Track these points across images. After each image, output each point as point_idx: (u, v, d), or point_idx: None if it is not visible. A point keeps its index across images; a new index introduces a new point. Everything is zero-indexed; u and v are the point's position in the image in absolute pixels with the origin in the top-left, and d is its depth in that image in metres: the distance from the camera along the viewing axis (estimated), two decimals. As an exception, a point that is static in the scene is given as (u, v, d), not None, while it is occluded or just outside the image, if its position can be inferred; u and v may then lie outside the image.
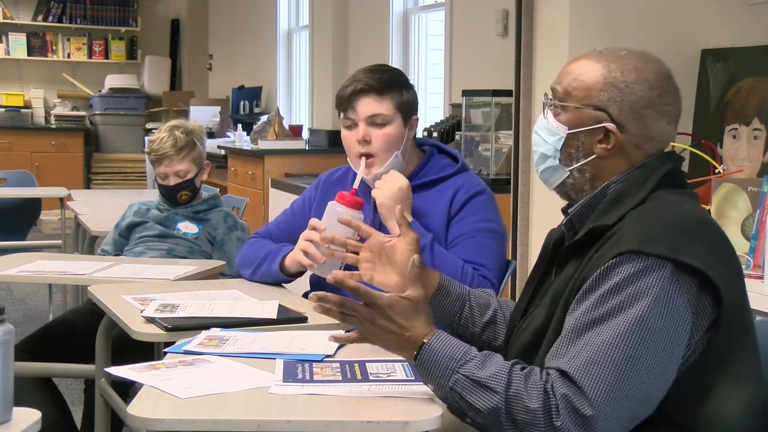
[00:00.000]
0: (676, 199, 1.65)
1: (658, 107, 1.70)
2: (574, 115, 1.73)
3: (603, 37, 3.79)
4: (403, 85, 2.51)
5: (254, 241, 2.74)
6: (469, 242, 2.43)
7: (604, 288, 1.55)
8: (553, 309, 1.67)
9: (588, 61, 1.74)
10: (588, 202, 1.73)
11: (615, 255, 1.55)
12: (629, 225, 1.60)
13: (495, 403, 1.52)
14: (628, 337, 1.50)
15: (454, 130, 4.62)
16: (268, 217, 5.96)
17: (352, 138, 2.49)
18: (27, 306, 6.17)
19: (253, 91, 8.43)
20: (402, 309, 1.66)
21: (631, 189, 1.67)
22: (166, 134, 3.41)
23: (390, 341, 1.67)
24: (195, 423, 1.61)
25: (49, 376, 3.05)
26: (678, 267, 1.53)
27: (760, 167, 3.45)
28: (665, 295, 1.52)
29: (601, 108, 1.70)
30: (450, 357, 1.60)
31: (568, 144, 1.73)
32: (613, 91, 1.69)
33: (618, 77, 1.70)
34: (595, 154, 1.72)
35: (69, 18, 10.45)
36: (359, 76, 2.48)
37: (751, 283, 2.62)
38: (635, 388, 1.49)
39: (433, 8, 5.76)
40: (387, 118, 2.46)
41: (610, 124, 1.69)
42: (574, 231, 1.74)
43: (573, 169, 1.74)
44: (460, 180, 2.53)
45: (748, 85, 3.59)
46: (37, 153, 9.73)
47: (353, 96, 2.46)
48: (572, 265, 1.68)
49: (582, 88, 1.72)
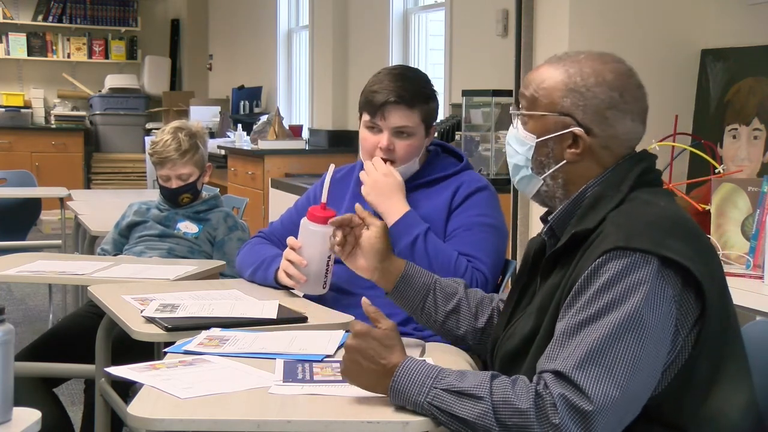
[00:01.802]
0: (653, 198, 1.68)
1: (620, 107, 1.71)
2: (541, 122, 1.75)
3: (603, 37, 3.79)
4: (430, 95, 2.52)
5: (256, 241, 2.74)
6: (464, 234, 2.44)
7: (594, 287, 1.55)
8: (541, 317, 1.67)
9: (548, 68, 1.76)
10: (566, 208, 1.74)
11: (601, 253, 1.57)
12: (612, 225, 1.61)
13: (482, 409, 1.52)
14: (623, 332, 1.51)
15: (454, 130, 4.62)
16: (268, 217, 5.96)
17: (373, 141, 2.50)
18: (27, 306, 6.17)
19: (253, 91, 8.43)
20: (377, 336, 1.66)
21: (608, 191, 1.69)
22: (169, 137, 3.40)
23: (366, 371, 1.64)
24: (195, 423, 1.61)
25: (49, 376, 3.05)
26: (663, 263, 1.54)
27: (760, 167, 3.45)
28: (655, 290, 1.53)
29: (566, 113, 1.72)
30: (426, 375, 1.59)
31: (538, 152, 1.76)
32: (576, 95, 1.71)
33: (579, 82, 1.72)
34: (566, 160, 1.73)
35: (69, 18, 10.45)
36: (388, 82, 2.47)
37: (751, 283, 2.62)
38: (630, 384, 1.50)
39: (433, 8, 5.76)
40: (413, 130, 2.48)
41: (577, 128, 1.71)
42: (555, 239, 1.75)
43: (546, 177, 1.76)
44: (463, 177, 2.54)
45: (748, 85, 3.59)
46: (37, 153, 9.73)
47: (384, 105, 2.46)
48: (558, 273, 1.69)
49: (545, 96, 1.74)
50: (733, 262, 2.86)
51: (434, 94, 2.54)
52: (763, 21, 3.61)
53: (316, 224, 2.34)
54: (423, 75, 2.57)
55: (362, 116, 2.53)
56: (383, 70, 2.54)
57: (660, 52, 3.89)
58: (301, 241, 2.38)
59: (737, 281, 2.64)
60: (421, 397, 1.58)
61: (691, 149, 3.39)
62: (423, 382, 1.59)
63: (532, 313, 1.71)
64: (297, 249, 2.39)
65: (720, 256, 2.82)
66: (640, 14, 3.86)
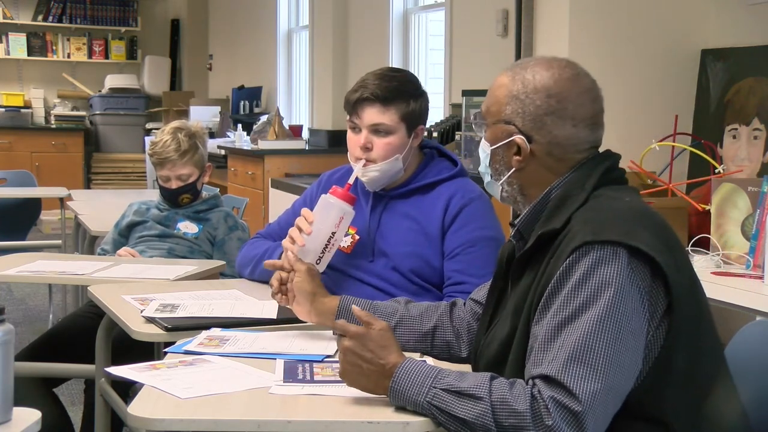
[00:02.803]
0: (618, 194, 1.69)
1: (558, 113, 1.72)
2: (492, 131, 1.79)
3: (603, 37, 3.80)
4: (411, 94, 2.48)
5: (254, 240, 2.75)
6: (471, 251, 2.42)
7: (568, 286, 1.57)
8: (516, 320, 1.68)
9: (501, 77, 1.79)
10: (532, 211, 1.75)
11: (571, 251, 1.58)
12: (579, 223, 1.62)
13: (481, 410, 1.53)
14: (600, 328, 1.52)
15: (454, 130, 4.63)
16: (268, 217, 5.96)
17: (354, 140, 2.50)
18: (27, 306, 6.17)
19: (253, 91, 8.43)
20: (373, 337, 1.67)
21: (573, 191, 1.70)
22: (169, 137, 3.40)
23: (365, 372, 1.65)
24: (195, 423, 1.61)
25: (49, 376, 3.05)
26: (632, 253, 1.56)
27: (760, 167, 3.45)
28: (626, 282, 1.55)
29: (508, 122, 1.75)
30: (426, 375, 1.61)
31: (493, 159, 1.79)
32: (516, 103, 1.73)
33: (519, 89, 1.73)
34: (513, 167, 1.76)
35: (69, 18, 10.45)
36: (368, 81, 2.47)
37: (751, 283, 2.62)
38: (613, 377, 1.51)
39: (433, 8, 5.76)
40: (390, 128, 2.45)
41: (518, 136, 1.73)
42: (523, 241, 1.76)
43: (503, 183, 1.79)
44: (456, 185, 2.51)
45: (748, 85, 3.59)
46: (37, 153, 9.73)
47: (358, 103, 2.46)
48: (528, 275, 1.70)
49: (494, 104, 1.77)
50: (733, 262, 2.86)
51: (419, 94, 2.50)
52: (763, 21, 3.61)
53: (337, 198, 2.30)
54: (409, 76, 2.55)
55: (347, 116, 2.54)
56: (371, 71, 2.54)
57: (660, 52, 3.89)
58: (316, 214, 2.34)
59: (737, 281, 2.64)
60: (421, 397, 1.59)
61: (691, 149, 3.39)
62: (423, 382, 1.60)
63: (507, 317, 1.73)
64: (309, 220, 2.33)
65: (720, 256, 2.85)
66: (640, 14, 3.86)
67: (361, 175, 2.48)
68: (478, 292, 2.04)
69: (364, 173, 2.47)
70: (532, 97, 1.72)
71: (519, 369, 1.63)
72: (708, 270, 2.77)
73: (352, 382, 1.68)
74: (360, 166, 2.46)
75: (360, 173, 2.47)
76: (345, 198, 2.30)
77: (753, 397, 1.71)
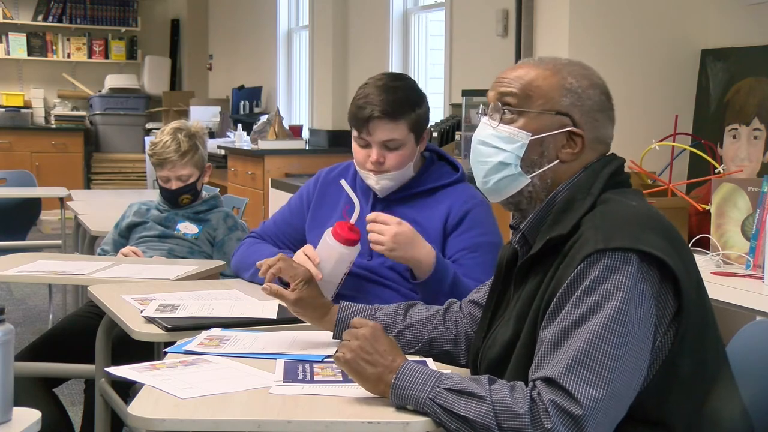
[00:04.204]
0: (625, 198, 1.69)
1: (607, 111, 1.75)
2: (535, 120, 1.72)
3: (603, 37, 3.80)
4: (416, 102, 2.48)
5: (251, 242, 2.73)
6: (471, 257, 2.43)
7: (578, 292, 1.57)
8: (521, 324, 1.67)
9: (535, 68, 1.75)
10: (539, 214, 1.74)
11: (582, 259, 1.57)
12: (589, 229, 1.61)
13: (483, 409, 1.54)
14: (606, 334, 1.52)
15: (454, 130, 4.62)
16: (267, 217, 5.95)
17: (363, 154, 2.49)
18: (27, 306, 6.17)
19: (253, 91, 8.43)
20: (382, 337, 1.70)
21: (579, 194, 1.69)
22: (169, 138, 3.40)
23: (372, 361, 1.66)
24: (195, 423, 1.61)
25: (49, 376, 3.05)
26: (642, 258, 1.56)
27: (760, 167, 3.45)
28: (635, 288, 1.54)
29: (564, 113, 1.72)
30: (429, 374, 1.62)
31: (532, 150, 1.72)
32: (573, 96, 1.72)
33: (574, 83, 1.72)
34: (559, 159, 1.72)
35: (69, 18, 10.45)
36: (372, 97, 2.44)
37: (751, 283, 2.62)
38: (617, 384, 1.51)
39: (433, 8, 5.76)
40: (400, 142, 2.46)
41: (575, 128, 1.72)
42: (528, 245, 1.75)
43: (534, 176, 1.73)
44: (457, 191, 2.52)
45: (748, 85, 3.59)
46: (37, 153, 9.73)
47: (369, 121, 2.44)
48: (534, 279, 1.69)
49: (540, 94, 1.72)
50: (733, 262, 2.86)
51: (422, 99, 2.51)
52: (763, 21, 3.61)
53: (337, 242, 2.33)
54: (409, 82, 2.54)
55: (352, 130, 2.53)
56: (370, 80, 2.52)
57: (660, 52, 3.89)
58: (319, 252, 2.37)
59: (737, 281, 2.64)
60: (423, 394, 1.59)
61: (691, 149, 3.39)
62: (426, 380, 1.61)
63: (510, 320, 1.72)
64: (314, 261, 2.35)
65: (720, 256, 2.85)
66: (640, 14, 3.86)
67: (374, 183, 2.49)
68: (477, 293, 2.04)
69: (378, 181, 2.49)
70: (588, 92, 1.72)
71: (521, 372, 1.62)
72: (708, 270, 2.77)
73: (354, 369, 1.67)
74: (372, 175, 2.47)
75: (374, 182, 2.49)
76: (344, 240, 2.33)
77: (753, 398, 1.71)
